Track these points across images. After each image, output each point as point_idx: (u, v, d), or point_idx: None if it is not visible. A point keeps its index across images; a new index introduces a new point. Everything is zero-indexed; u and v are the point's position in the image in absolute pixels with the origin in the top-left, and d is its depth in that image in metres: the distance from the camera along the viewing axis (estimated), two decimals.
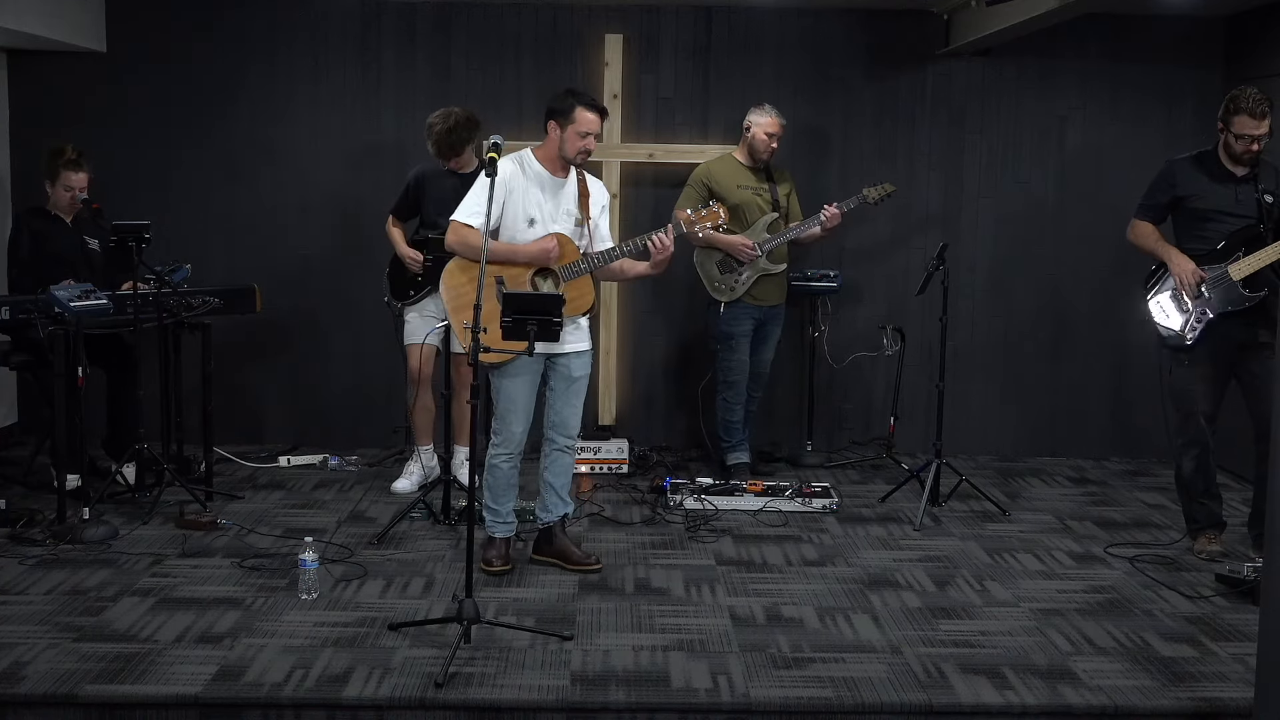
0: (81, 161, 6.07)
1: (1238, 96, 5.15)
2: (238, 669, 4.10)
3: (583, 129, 4.91)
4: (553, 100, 5.00)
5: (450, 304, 4.97)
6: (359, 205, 7.16)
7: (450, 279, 4.99)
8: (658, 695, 3.98)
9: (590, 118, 4.92)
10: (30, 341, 5.81)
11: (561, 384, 5.07)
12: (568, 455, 5.17)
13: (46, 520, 5.54)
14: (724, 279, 6.43)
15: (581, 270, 4.99)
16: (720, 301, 6.45)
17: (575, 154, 4.96)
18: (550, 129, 4.95)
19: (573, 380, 5.07)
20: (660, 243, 4.97)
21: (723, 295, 6.44)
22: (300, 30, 7.16)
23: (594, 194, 5.10)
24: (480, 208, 4.85)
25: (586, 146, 4.96)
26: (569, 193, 5.04)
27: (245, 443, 7.12)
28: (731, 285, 6.43)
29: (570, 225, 5.02)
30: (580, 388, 5.11)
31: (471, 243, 4.87)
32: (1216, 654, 4.37)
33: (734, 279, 6.43)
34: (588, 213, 5.05)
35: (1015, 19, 6.05)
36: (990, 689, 4.05)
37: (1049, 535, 5.79)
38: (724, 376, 6.56)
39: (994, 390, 7.37)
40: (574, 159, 4.97)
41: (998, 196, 7.29)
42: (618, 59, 7.05)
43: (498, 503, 5.10)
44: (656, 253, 4.99)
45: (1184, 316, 5.25)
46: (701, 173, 6.50)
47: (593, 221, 5.08)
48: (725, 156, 6.58)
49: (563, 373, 5.05)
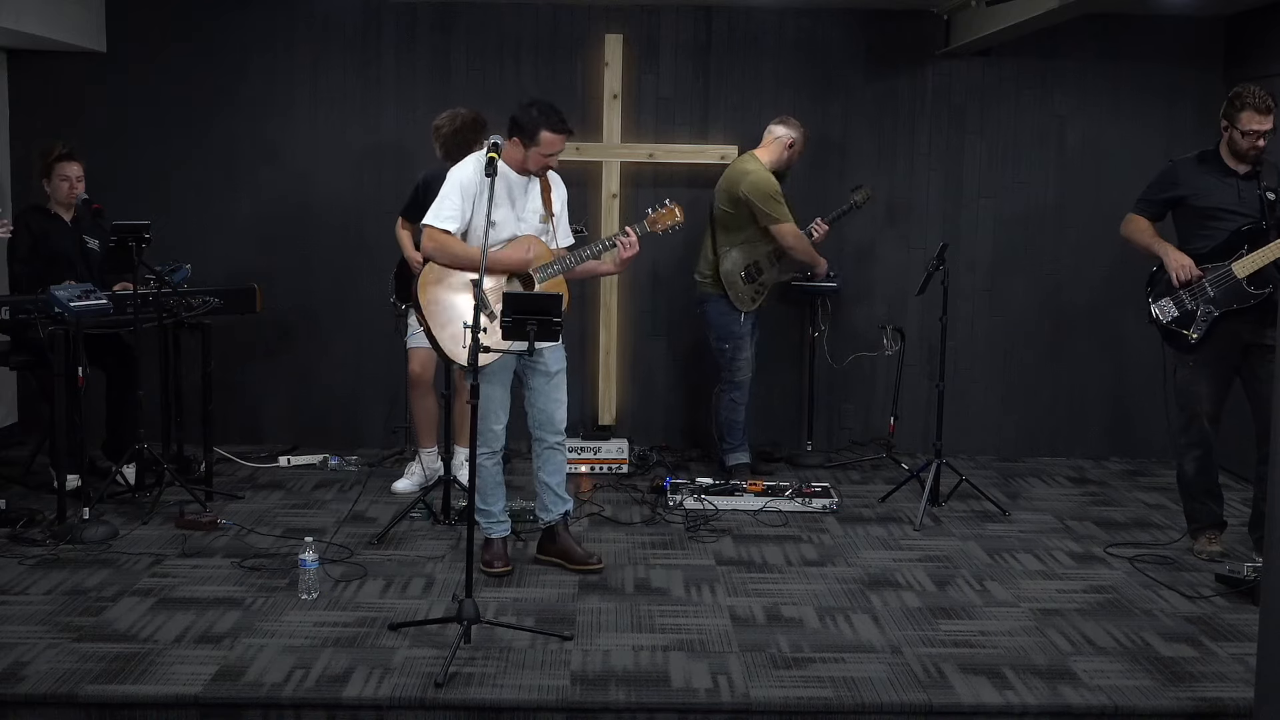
0: (73, 153, 6.08)
1: (1242, 93, 5.15)
2: (238, 669, 4.10)
3: (546, 150, 4.87)
4: (519, 113, 4.88)
5: (432, 321, 4.86)
6: (359, 205, 7.17)
7: (427, 293, 4.88)
8: (658, 695, 3.98)
9: (554, 139, 4.86)
10: (30, 341, 5.80)
11: (540, 381, 5.06)
12: (559, 452, 5.16)
13: (46, 520, 5.54)
14: (747, 289, 6.45)
15: (554, 272, 4.98)
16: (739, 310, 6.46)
17: (537, 169, 4.94)
18: (513, 142, 4.88)
19: (551, 375, 5.06)
20: (626, 243, 5.00)
21: (744, 305, 6.47)
22: (300, 30, 7.16)
23: (555, 188, 5.09)
24: (455, 211, 4.85)
25: (550, 164, 4.95)
26: (533, 192, 5.02)
27: (245, 443, 7.12)
28: (753, 295, 6.47)
29: (536, 223, 5.01)
30: (560, 381, 5.09)
31: (452, 250, 4.86)
32: (1216, 654, 4.37)
33: (755, 289, 6.46)
34: (551, 209, 5.04)
35: (1015, 19, 6.05)
36: (990, 689, 4.05)
37: (1049, 535, 5.79)
38: (732, 376, 6.55)
39: (994, 390, 7.37)
40: (536, 173, 4.96)
41: (998, 196, 7.29)
42: (618, 59, 7.05)
43: (487, 503, 5.09)
44: (624, 251, 5.01)
45: (1187, 315, 5.25)
46: (773, 182, 6.37)
47: (555, 216, 5.07)
48: (755, 160, 6.46)
49: (540, 370, 5.03)
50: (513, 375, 5.05)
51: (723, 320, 6.53)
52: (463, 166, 4.97)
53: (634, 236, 5.02)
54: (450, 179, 4.94)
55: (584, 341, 7.19)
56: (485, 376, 4.89)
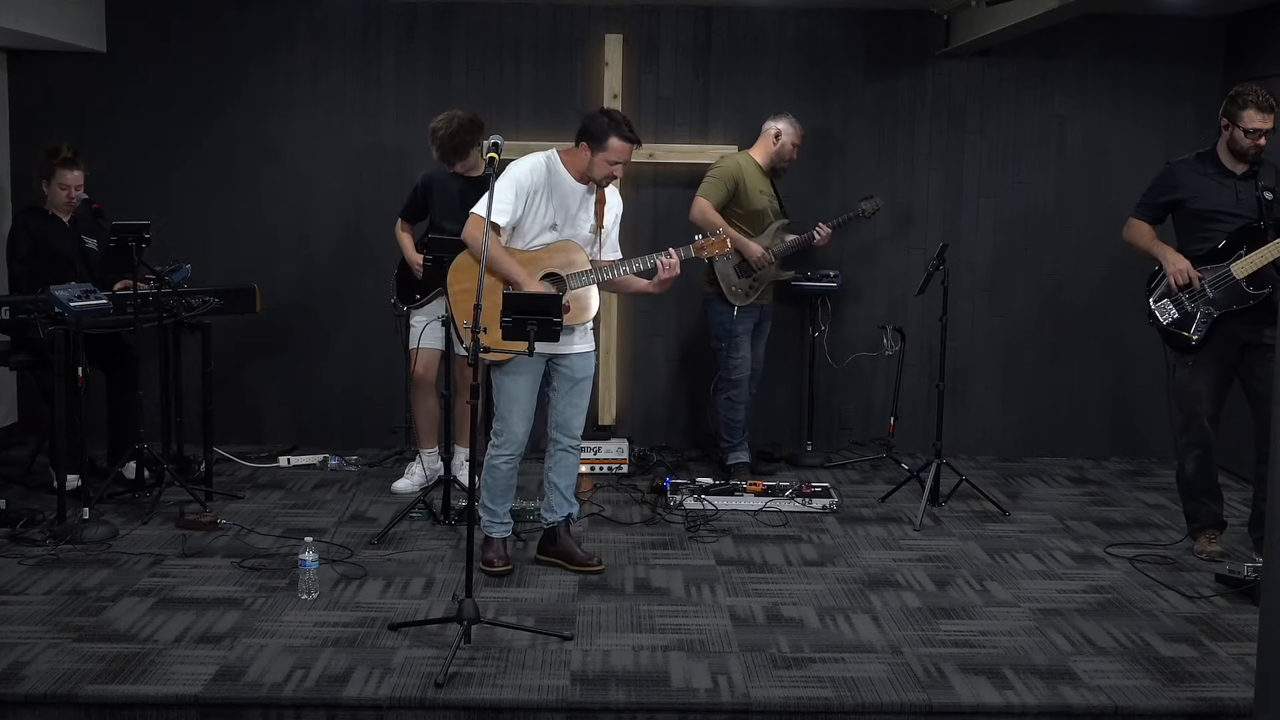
0: (77, 159, 6.06)
1: (1244, 91, 5.15)
2: (238, 669, 4.10)
3: (613, 157, 4.90)
4: (588, 120, 4.94)
5: (458, 310, 4.89)
6: (359, 205, 7.17)
7: (458, 281, 4.93)
8: (658, 695, 3.98)
9: (623, 147, 4.90)
10: (30, 341, 5.80)
11: (565, 384, 5.07)
12: (572, 455, 5.17)
13: (46, 520, 5.54)
14: (740, 283, 6.45)
15: (589, 280, 4.98)
16: (733, 304, 6.46)
17: (602, 177, 4.96)
18: (582, 148, 4.92)
19: (576, 381, 5.07)
20: (667, 264, 4.98)
21: (738, 299, 6.46)
22: (300, 30, 7.16)
23: (610, 202, 5.11)
24: (507, 206, 4.84)
25: (615, 173, 4.96)
26: (589, 203, 5.03)
27: (245, 443, 7.12)
28: (746, 290, 6.46)
29: (585, 233, 5.02)
30: (585, 388, 5.11)
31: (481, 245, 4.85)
32: (1216, 654, 4.37)
33: (749, 283, 6.45)
34: (602, 221, 5.06)
35: (1015, 19, 6.04)
36: (990, 689, 4.05)
37: (1049, 535, 5.79)
38: (728, 375, 6.56)
39: (994, 390, 7.37)
40: (600, 181, 4.97)
41: (998, 196, 7.29)
42: (618, 59, 7.05)
43: (495, 503, 5.09)
44: (663, 271, 4.99)
45: (1187, 316, 5.25)
46: (734, 169, 6.44)
47: (605, 230, 5.08)
48: (747, 157, 6.55)
49: (566, 373, 5.05)
50: (541, 379, 5.05)
51: (718, 318, 6.53)
52: (520, 164, 4.94)
53: (676, 259, 5.00)
54: (507, 174, 4.89)
55: None
56: (510, 371, 4.90)
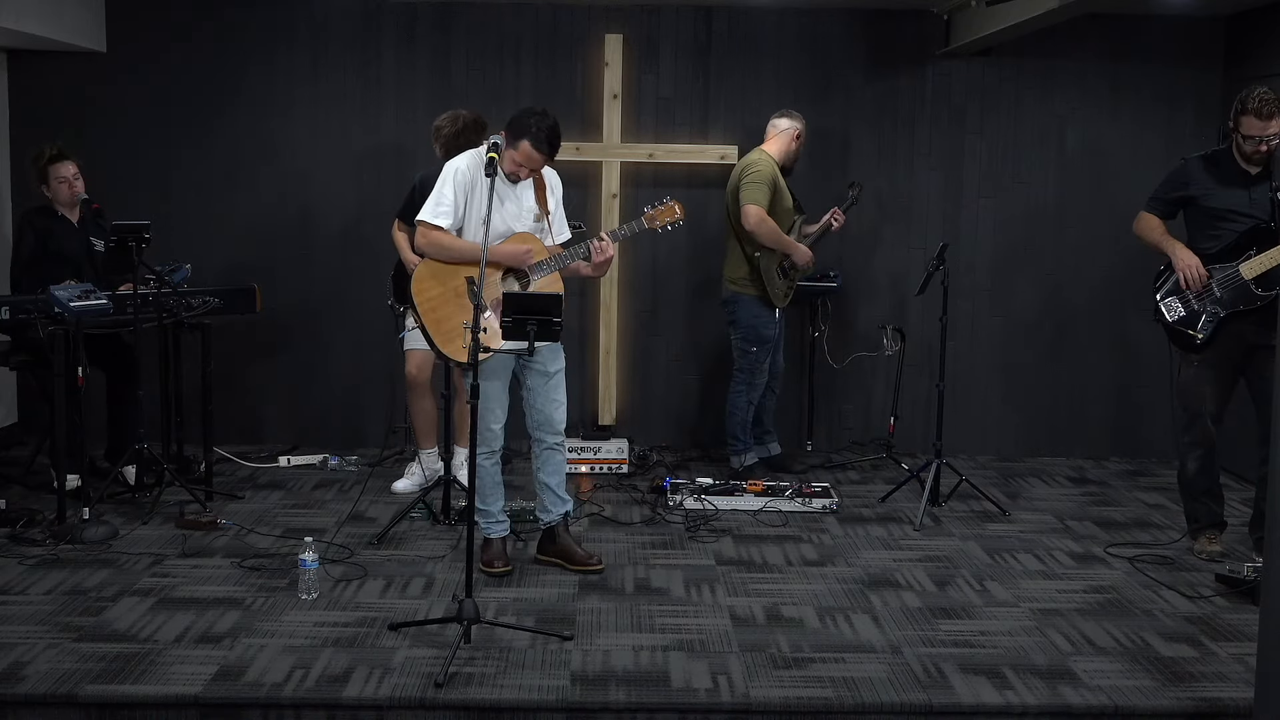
0: (64, 153, 6.06)
1: (1245, 97, 5.11)
2: (238, 669, 4.10)
3: (520, 159, 4.81)
4: (519, 113, 4.85)
5: (427, 319, 4.84)
6: (359, 205, 7.17)
7: (422, 291, 4.86)
8: (658, 695, 3.98)
9: (532, 155, 4.80)
10: (30, 341, 5.80)
11: (539, 381, 5.04)
12: (558, 452, 5.14)
13: (46, 520, 5.54)
14: (782, 284, 6.41)
15: (549, 269, 4.97)
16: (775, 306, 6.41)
17: (508, 171, 4.87)
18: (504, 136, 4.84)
19: (550, 375, 5.04)
20: (599, 248, 4.94)
21: (779, 301, 6.43)
22: (300, 30, 7.16)
23: (550, 184, 5.05)
24: (449, 206, 4.83)
25: (520, 174, 4.88)
26: (525, 191, 4.98)
27: (245, 443, 7.12)
28: (786, 291, 6.45)
29: (531, 222, 4.98)
30: (559, 381, 5.08)
31: (445, 244, 4.85)
32: (1216, 654, 4.37)
33: (788, 285, 6.44)
34: (546, 206, 5.01)
35: (1015, 19, 6.04)
36: (990, 689, 4.05)
37: (1049, 535, 5.79)
38: (752, 379, 6.50)
39: (994, 390, 7.37)
40: (507, 174, 4.89)
41: (998, 196, 7.29)
42: (618, 59, 7.05)
43: (486, 503, 5.08)
44: (596, 255, 4.94)
45: (1193, 315, 5.24)
46: (770, 169, 6.32)
47: (551, 214, 5.04)
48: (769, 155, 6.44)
49: (538, 369, 5.02)
50: (511, 375, 5.05)
51: (755, 322, 6.42)
52: (456, 161, 4.94)
53: (608, 243, 4.97)
54: (444, 174, 4.92)
55: (584, 341, 7.19)
56: (482, 375, 4.88)
